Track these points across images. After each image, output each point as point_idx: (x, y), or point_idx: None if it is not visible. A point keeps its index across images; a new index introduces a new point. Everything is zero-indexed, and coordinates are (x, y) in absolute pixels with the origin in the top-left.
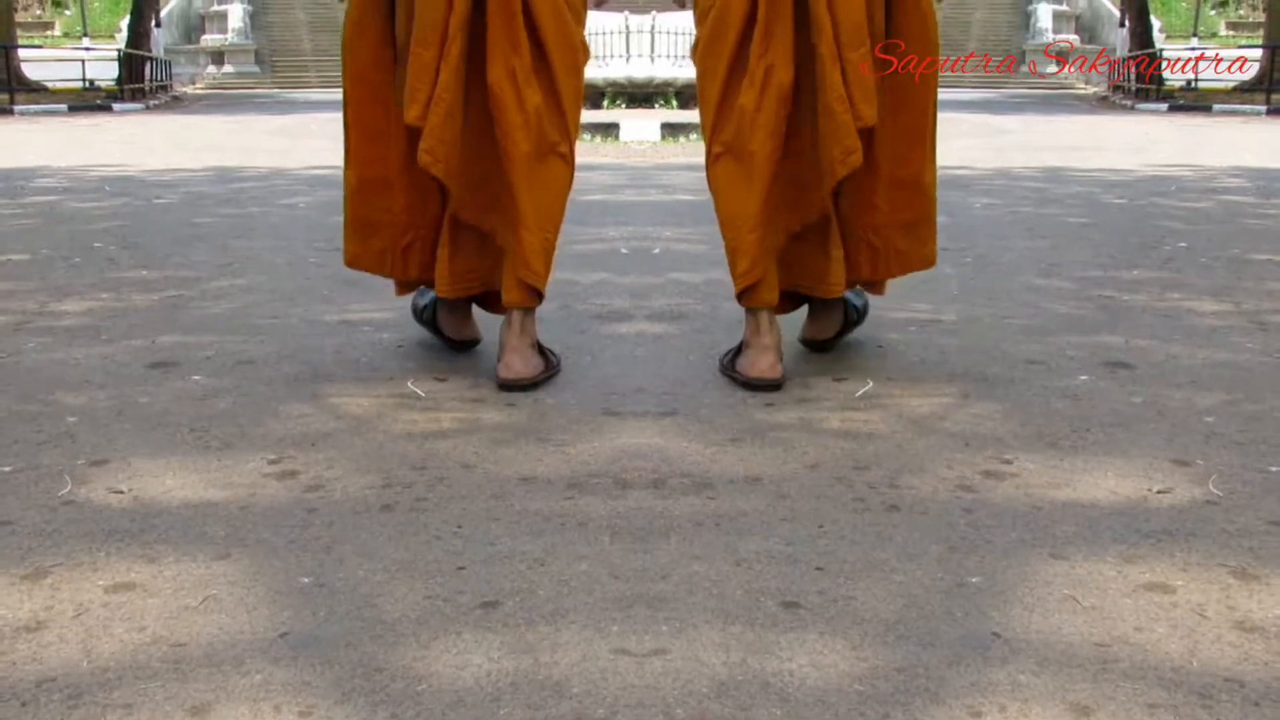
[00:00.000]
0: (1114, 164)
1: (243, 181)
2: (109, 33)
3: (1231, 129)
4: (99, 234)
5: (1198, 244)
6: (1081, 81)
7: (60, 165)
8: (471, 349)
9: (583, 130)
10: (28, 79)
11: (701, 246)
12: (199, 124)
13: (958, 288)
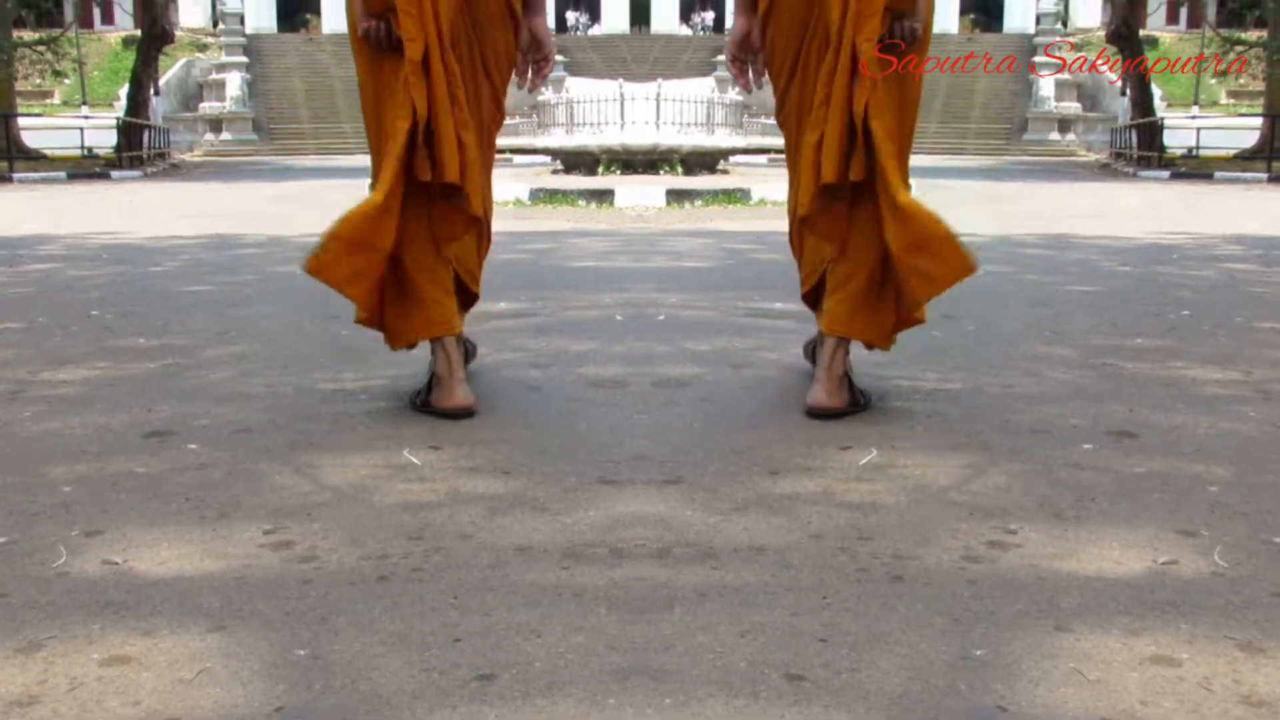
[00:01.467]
0: (1116, 231)
1: (240, 249)
2: (108, 101)
3: (1233, 197)
4: (96, 302)
5: (1201, 312)
6: (1083, 148)
7: (58, 233)
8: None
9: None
10: (27, 147)
11: (710, 313)
12: (197, 191)
13: (962, 355)
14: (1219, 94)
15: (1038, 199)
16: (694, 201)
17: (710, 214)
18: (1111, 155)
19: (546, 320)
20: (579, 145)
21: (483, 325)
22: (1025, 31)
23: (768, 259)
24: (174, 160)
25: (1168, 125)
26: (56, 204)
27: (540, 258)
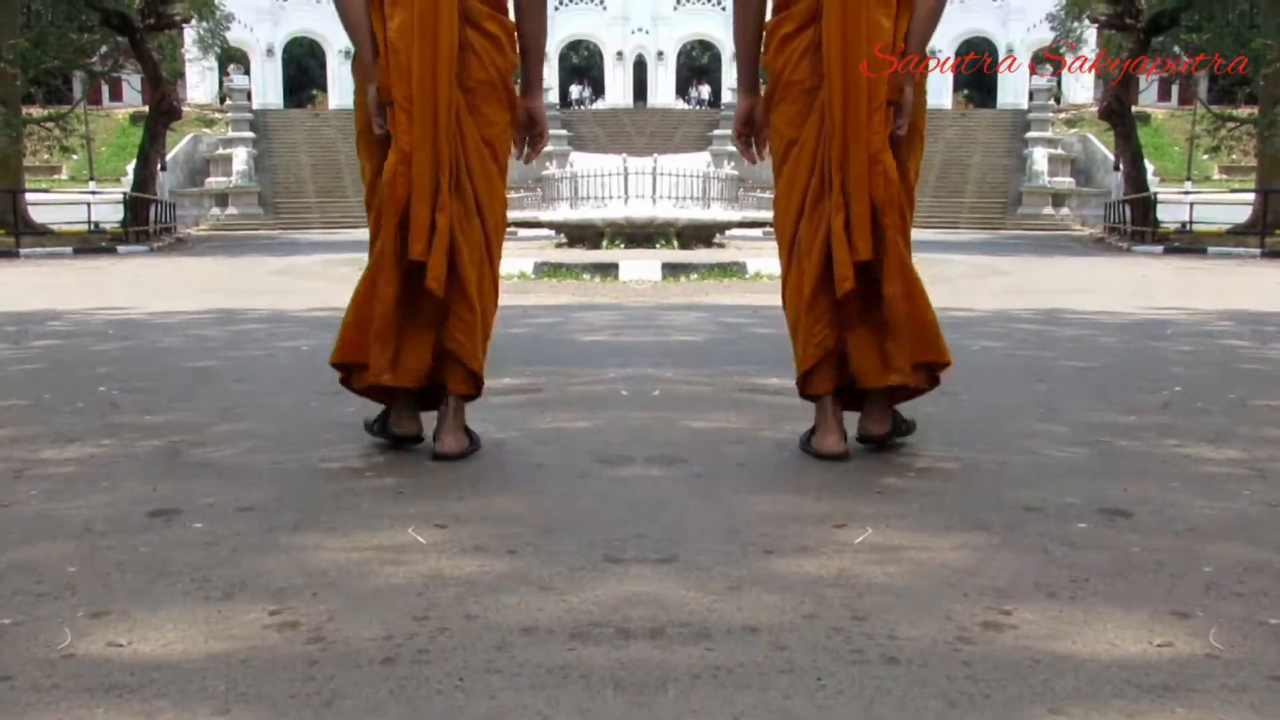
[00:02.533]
0: (1111, 306)
1: (245, 324)
2: (115, 176)
3: (1227, 272)
4: (102, 378)
5: (1195, 388)
6: (1077, 223)
7: (64, 309)
8: (418, 443)
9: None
10: (34, 222)
11: (704, 388)
12: (202, 266)
13: (957, 431)
14: (1211, 169)
15: (1032, 273)
16: (690, 275)
17: (706, 288)
18: (1105, 230)
19: (551, 396)
20: (583, 219)
21: (488, 400)
22: (1019, 107)
23: (763, 333)
24: (180, 235)
25: (1161, 200)
26: (63, 279)
27: (545, 331)
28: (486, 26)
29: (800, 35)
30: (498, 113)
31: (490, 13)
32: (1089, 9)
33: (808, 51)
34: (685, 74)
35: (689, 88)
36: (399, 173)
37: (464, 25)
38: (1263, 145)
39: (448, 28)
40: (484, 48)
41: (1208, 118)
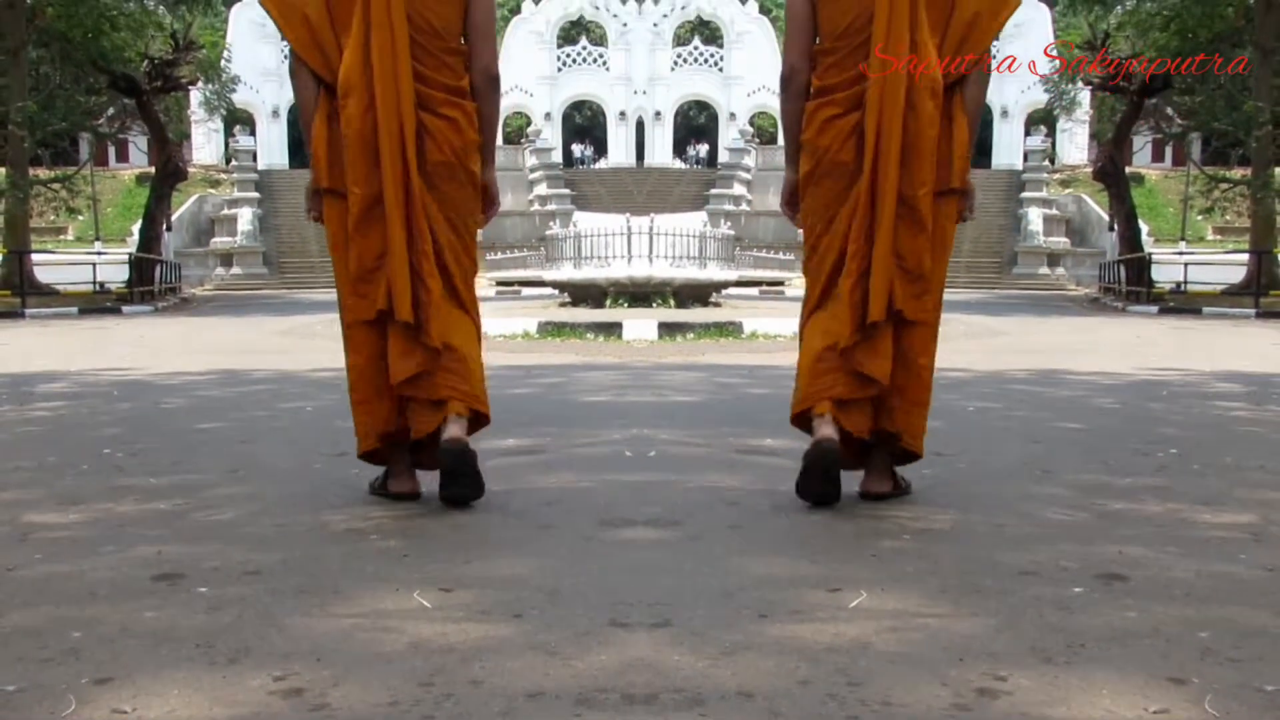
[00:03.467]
0: (1106, 367)
1: (250, 385)
2: (120, 236)
3: (1222, 332)
4: (107, 440)
5: (1190, 451)
6: (1072, 282)
7: (69, 369)
8: (415, 500)
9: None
10: (40, 282)
11: (699, 449)
12: (207, 326)
13: (952, 494)
14: (1205, 230)
15: (1028, 334)
16: (685, 335)
17: (704, 347)
18: (1101, 290)
19: (555, 457)
20: (586, 279)
21: (493, 461)
22: (1013, 168)
23: (758, 393)
24: (184, 295)
25: (1156, 260)
26: (68, 340)
27: (549, 392)
28: (445, 111)
29: (842, 119)
30: (456, 189)
31: (448, 98)
32: (1082, 71)
33: (850, 134)
34: (682, 133)
35: (686, 147)
36: (357, 246)
37: (423, 111)
38: (1256, 206)
39: (409, 114)
40: (441, 131)
41: (1201, 179)
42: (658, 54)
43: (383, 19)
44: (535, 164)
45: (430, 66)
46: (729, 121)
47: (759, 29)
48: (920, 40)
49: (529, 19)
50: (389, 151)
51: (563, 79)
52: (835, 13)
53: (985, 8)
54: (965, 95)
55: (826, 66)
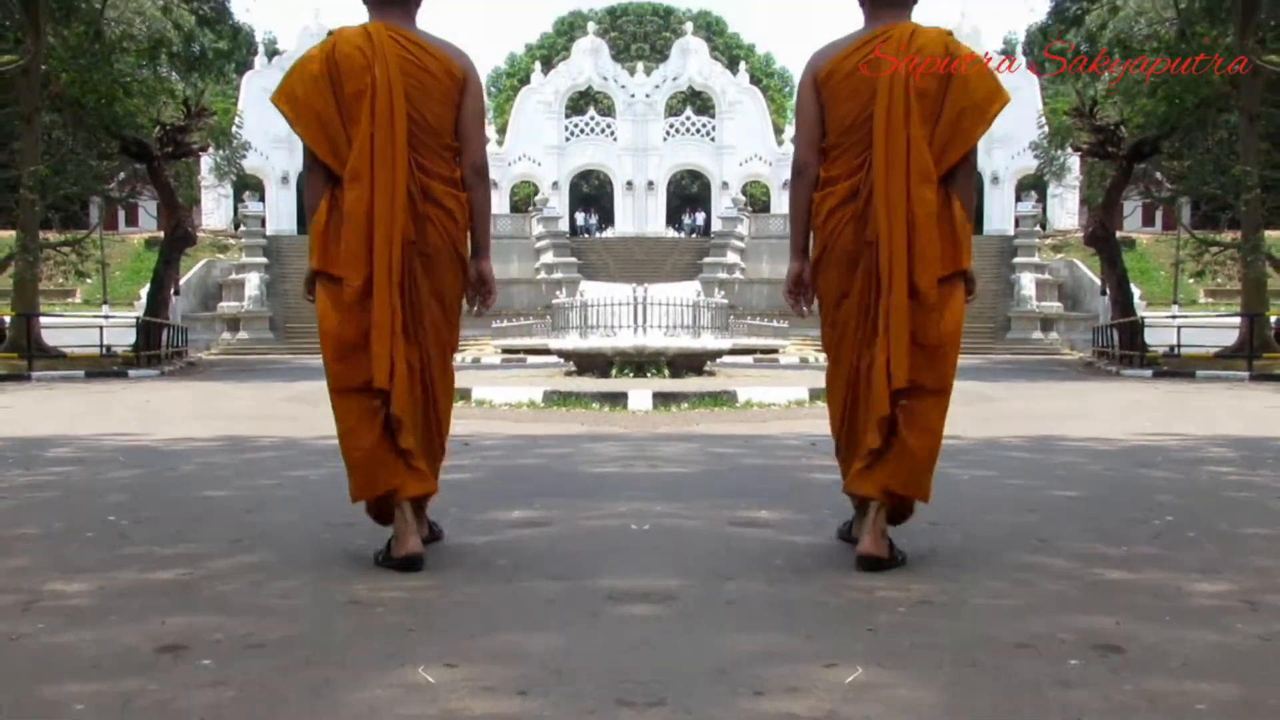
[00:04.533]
0: (1101, 433)
1: (256, 452)
2: (128, 300)
3: (1216, 396)
4: (112, 507)
5: (1186, 518)
6: (1066, 347)
7: (75, 434)
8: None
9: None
10: (47, 345)
11: (695, 522)
12: (213, 391)
13: (948, 564)
14: (1197, 293)
15: (1022, 399)
16: (680, 405)
17: (699, 416)
18: (1094, 354)
19: (560, 530)
20: (591, 348)
21: (500, 534)
22: (1005, 233)
23: (754, 464)
24: (190, 359)
25: (1148, 324)
26: (74, 404)
27: (555, 463)
28: (443, 202)
29: (846, 206)
30: (447, 270)
31: (445, 189)
32: (1071, 137)
33: (852, 221)
34: (675, 202)
35: (682, 215)
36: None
37: (424, 201)
38: (1246, 270)
39: (404, 202)
40: (439, 217)
41: (1191, 243)
42: (650, 124)
43: (386, 116)
44: (542, 232)
45: (429, 159)
46: (721, 190)
47: (750, 99)
48: (913, 134)
49: (538, 89)
50: (382, 235)
51: (570, 148)
52: (840, 112)
53: (972, 104)
54: (958, 185)
55: (833, 159)
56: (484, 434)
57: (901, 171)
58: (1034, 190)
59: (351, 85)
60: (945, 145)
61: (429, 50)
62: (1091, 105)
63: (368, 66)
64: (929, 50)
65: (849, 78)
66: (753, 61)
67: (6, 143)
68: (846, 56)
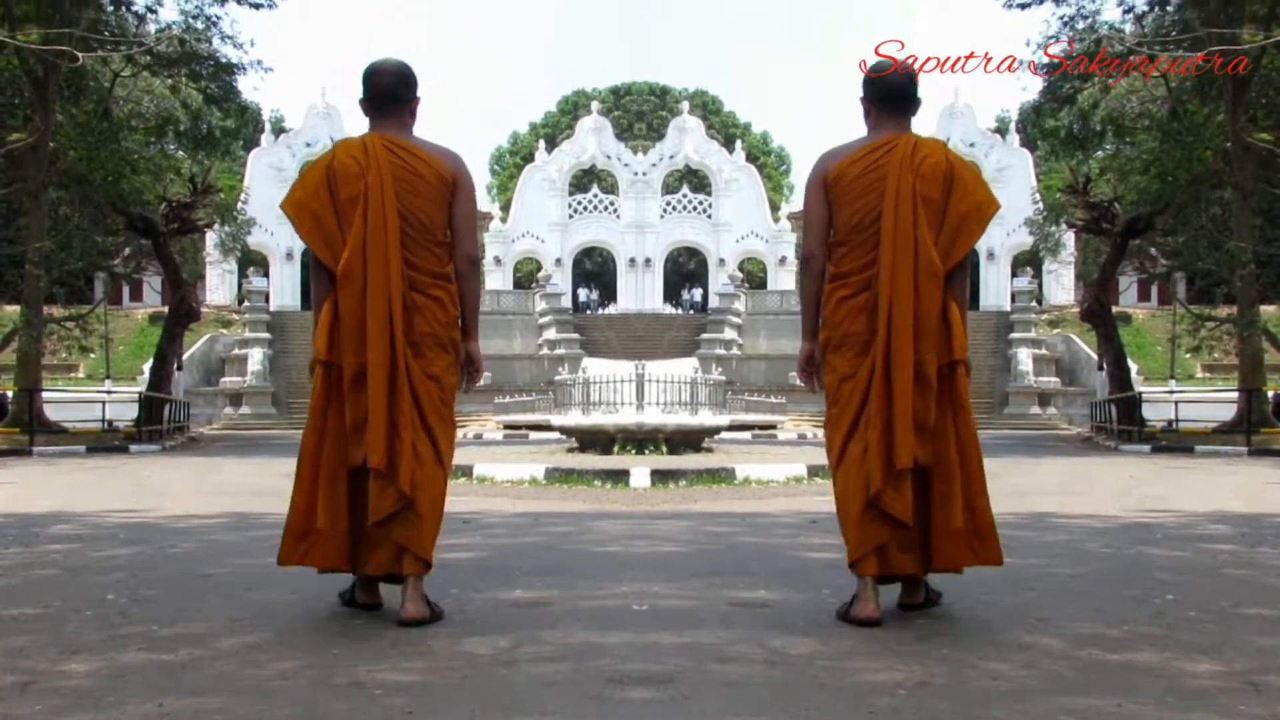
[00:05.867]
0: (1100, 509)
1: (257, 529)
2: (131, 375)
3: (1214, 471)
4: (112, 585)
5: (1186, 596)
6: (1064, 421)
7: (76, 511)
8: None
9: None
10: (49, 420)
11: (689, 603)
12: (215, 466)
13: (947, 645)
14: (1194, 368)
15: (1021, 475)
16: (678, 482)
17: (698, 494)
18: (1093, 429)
19: (562, 610)
20: (593, 425)
21: (502, 614)
22: (1001, 309)
23: (751, 542)
24: (192, 434)
25: (1146, 399)
26: (75, 479)
27: (558, 541)
28: (431, 292)
29: (856, 298)
30: (439, 356)
31: (434, 281)
32: (1066, 214)
33: (862, 312)
34: (673, 279)
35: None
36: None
37: (412, 292)
38: (1243, 345)
39: (397, 295)
40: (428, 307)
41: (1187, 318)
42: (647, 202)
43: (378, 217)
44: (545, 308)
45: (420, 255)
46: (718, 267)
47: (746, 177)
48: (920, 236)
49: (542, 167)
50: (374, 327)
51: (574, 225)
52: (848, 212)
53: (972, 210)
54: (955, 284)
55: (841, 255)
56: (486, 511)
57: (909, 270)
58: (1029, 266)
59: (347, 191)
60: (949, 247)
61: (420, 155)
62: (1085, 182)
63: (361, 174)
64: (932, 161)
65: (857, 180)
66: (749, 139)
67: (13, 219)
68: (854, 162)
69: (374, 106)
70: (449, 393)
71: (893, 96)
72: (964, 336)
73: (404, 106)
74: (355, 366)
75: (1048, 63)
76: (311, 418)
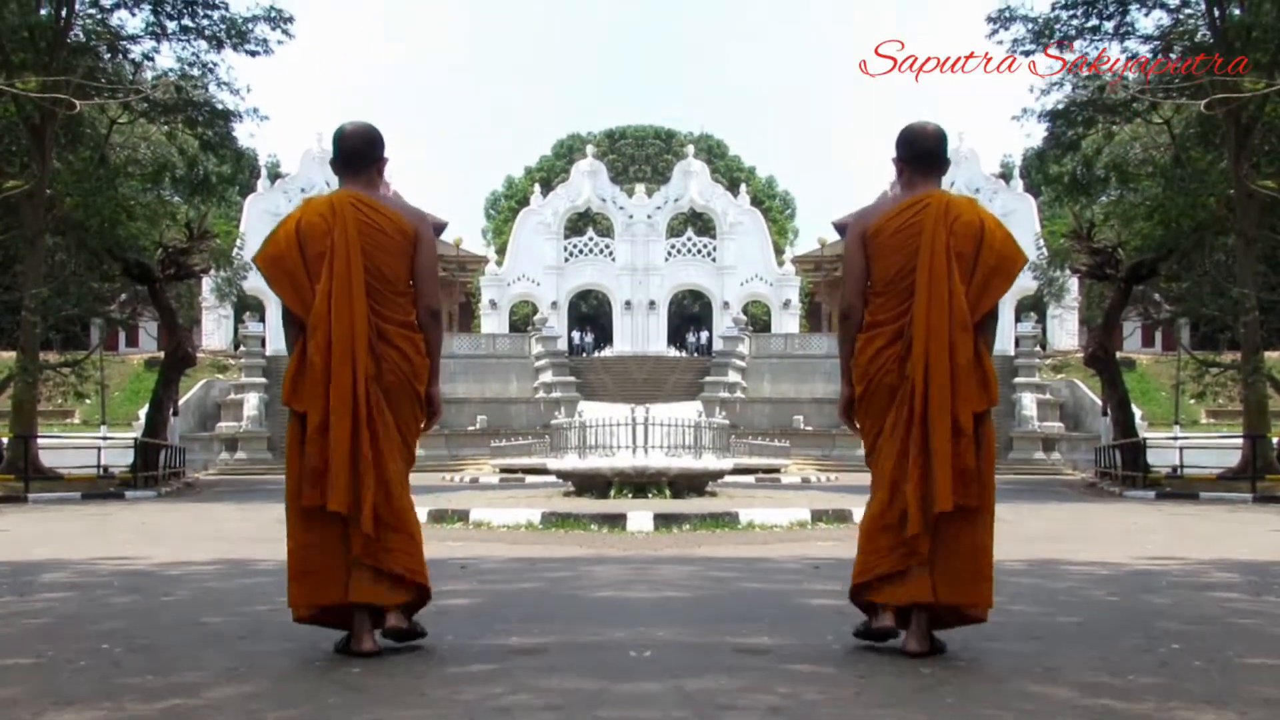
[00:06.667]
0: (1105, 556)
1: (252, 576)
2: (127, 420)
3: (1220, 519)
4: (106, 634)
5: (1192, 645)
6: (1069, 467)
7: (70, 558)
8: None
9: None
10: (44, 467)
11: (694, 649)
12: (210, 512)
13: (951, 695)
14: (1199, 413)
15: (1026, 522)
16: (681, 526)
17: (701, 538)
18: (1097, 474)
19: (558, 659)
20: (590, 468)
21: (498, 662)
22: (1005, 353)
23: (755, 588)
24: (188, 479)
25: (1150, 445)
26: (70, 526)
27: (553, 587)
28: (397, 343)
29: (891, 347)
30: (405, 402)
31: (399, 331)
32: (1070, 259)
33: (896, 360)
34: (676, 321)
35: (685, 334)
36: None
37: (380, 341)
38: (1247, 391)
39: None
40: (393, 357)
41: (1192, 364)
42: (652, 244)
43: (344, 270)
44: (541, 351)
45: (386, 306)
46: (723, 310)
47: (751, 221)
48: (954, 288)
49: (537, 211)
50: (338, 375)
51: (569, 269)
52: (886, 265)
53: (1000, 264)
54: (984, 333)
55: (877, 306)
56: (482, 556)
57: (945, 321)
58: (1034, 311)
59: (314, 247)
60: (979, 298)
61: (384, 213)
62: (1089, 228)
63: (328, 231)
64: (965, 219)
65: (894, 236)
66: (754, 183)
67: (9, 265)
68: (891, 219)
69: (343, 166)
70: (413, 437)
71: (924, 156)
72: (996, 384)
73: (371, 166)
74: (322, 411)
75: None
76: (289, 462)
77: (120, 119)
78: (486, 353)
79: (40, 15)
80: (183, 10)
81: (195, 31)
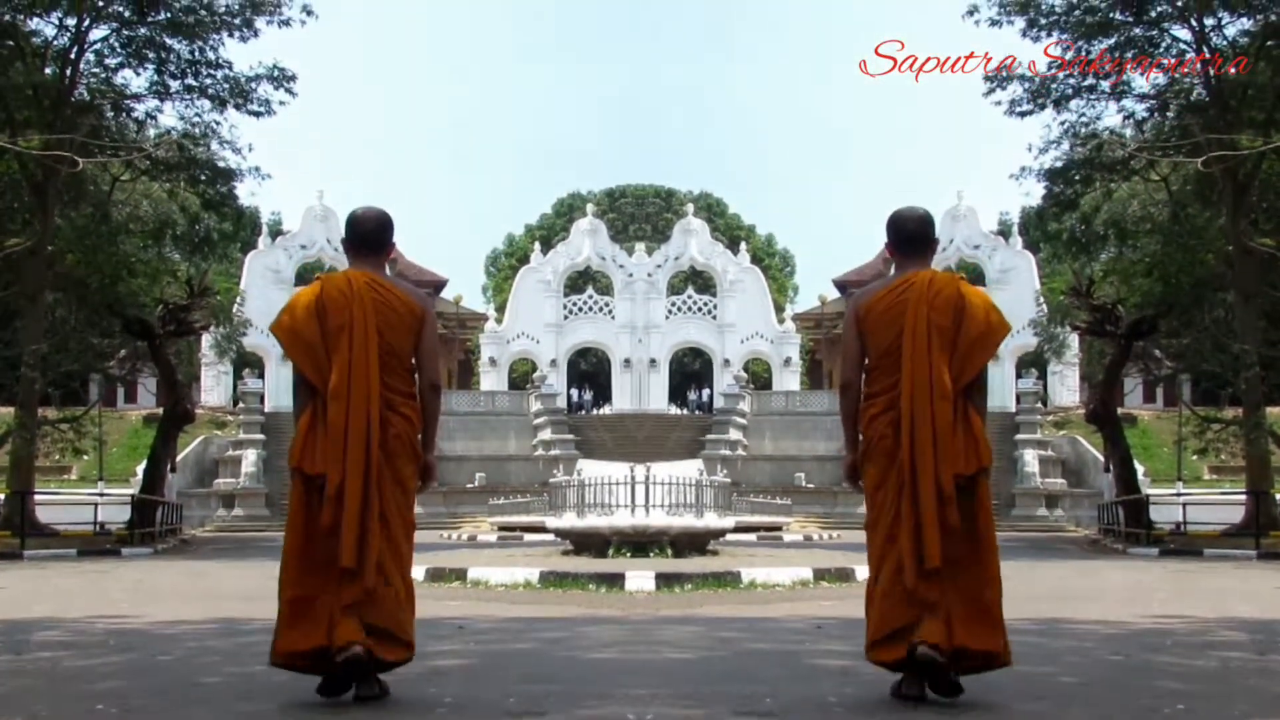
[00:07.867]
0: (1109, 615)
1: (248, 635)
2: (124, 476)
3: (1224, 576)
4: (101, 695)
5: (1197, 707)
6: (1072, 523)
7: (65, 616)
8: None
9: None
10: (40, 523)
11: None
12: (206, 570)
13: None
14: (1201, 469)
15: (1029, 580)
16: (684, 585)
17: (702, 598)
18: (1100, 531)
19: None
20: (589, 527)
21: None
22: (1006, 410)
23: (760, 648)
24: (185, 536)
25: (1153, 501)
26: (65, 584)
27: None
28: (401, 410)
29: (885, 415)
30: (405, 463)
31: (404, 400)
32: (1070, 316)
33: (890, 426)
34: (677, 379)
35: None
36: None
37: (387, 410)
38: (1250, 447)
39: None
40: (398, 422)
41: (1193, 420)
42: (652, 302)
43: (361, 345)
44: (540, 409)
45: (394, 378)
46: (723, 368)
47: (751, 279)
48: (934, 361)
49: (538, 268)
50: (355, 438)
51: (569, 326)
52: (878, 341)
53: (979, 338)
54: (973, 398)
55: (874, 377)
56: (479, 616)
57: (926, 391)
58: (1034, 367)
59: (334, 320)
60: (962, 368)
61: (395, 293)
62: (1088, 285)
63: (347, 306)
64: (945, 295)
65: (883, 315)
66: (754, 242)
67: (9, 321)
68: (881, 298)
69: (356, 248)
70: (411, 496)
71: (911, 240)
72: (988, 445)
73: (383, 251)
74: (337, 473)
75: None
76: (291, 519)
77: (123, 177)
78: (485, 410)
79: (45, 74)
80: (186, 70)
81: (198, 91)
